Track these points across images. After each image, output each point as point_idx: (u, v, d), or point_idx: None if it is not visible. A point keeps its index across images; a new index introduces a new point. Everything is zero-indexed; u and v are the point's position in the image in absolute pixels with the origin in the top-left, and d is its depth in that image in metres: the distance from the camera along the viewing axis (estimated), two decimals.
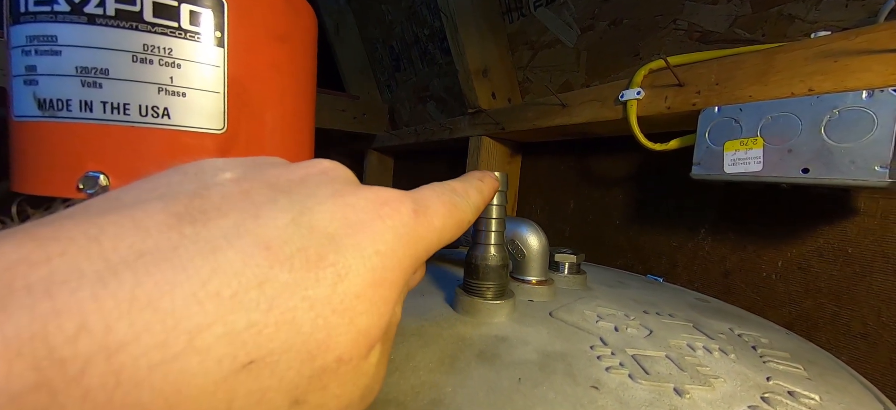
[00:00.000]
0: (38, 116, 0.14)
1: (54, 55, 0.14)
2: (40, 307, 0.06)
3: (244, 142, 0.16)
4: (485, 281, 0.22)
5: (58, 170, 0.14)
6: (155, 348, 0.06)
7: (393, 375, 0.16)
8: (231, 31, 0.15)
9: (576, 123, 0.44)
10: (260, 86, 0.17)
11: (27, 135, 0.14)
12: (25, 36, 0.14)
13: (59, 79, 0.14)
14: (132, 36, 0.14)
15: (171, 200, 0.08)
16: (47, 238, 0.07)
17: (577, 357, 0.18)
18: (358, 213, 0.10)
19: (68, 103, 0.14)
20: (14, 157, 0.15)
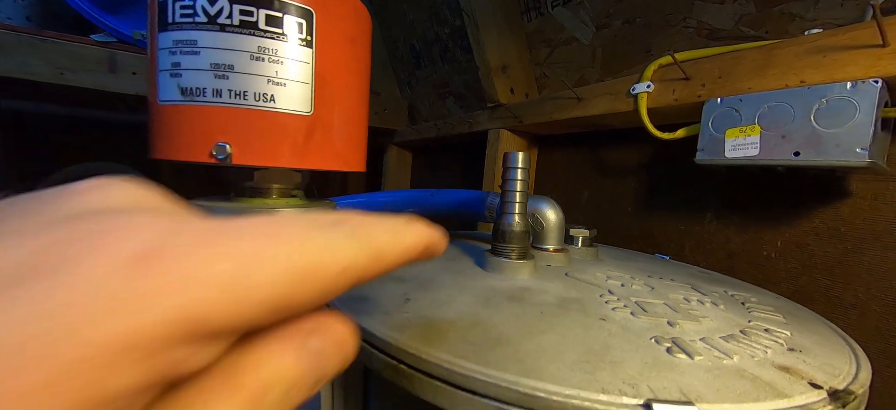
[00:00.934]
0: (180, 100, 0.19)
1: (194, 54, 0.18)
2: None
3: (322, 123, 0.21)
4: (510, 244, 0.26)
5: (195, 141, 0.19)
6: None
7: (440, 308, 0.20)
8: (317, 36, 0.20)
9: (590, 115, 0.48)
10: (335, 78, 0.21)
11: (171, 115, 0.19)
12: (172, 40, 0.18)
13: (196, 72, 0.18)
14: (250, 40, 0.18)
15: None
16: None
17: (589, 301, 0.22)
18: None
19: (203, 91, 0.18)
20: (157, 132, 0.20)
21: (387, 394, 0.20)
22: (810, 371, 0.16)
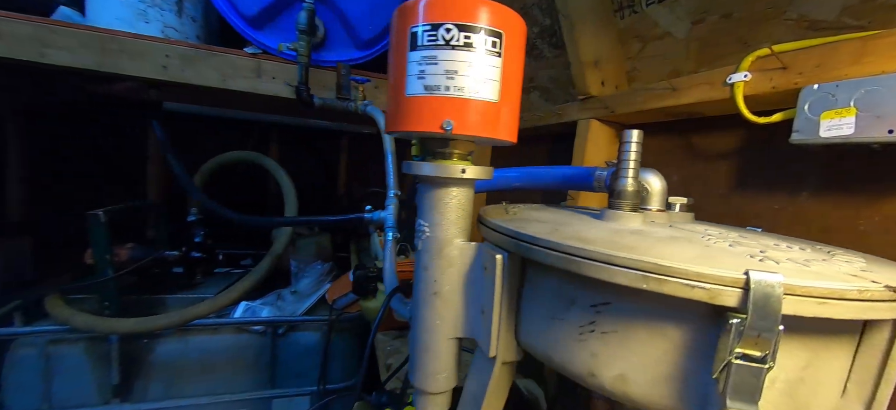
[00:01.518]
0: (423, 94, 0.30)
1: (434, 64, 0.29)
2: None
3: (503, 107, 0.31)
4: (625, 200, 0.34)
5: (431, 119, 0.30)
6: None
7: (581, 233, 0.29)
8: (504, 49, 0.30)
9: (684, 104, 0.53)
10: (511, 76, 0.31)
11: (415, 103, 0.30)
12: (420, 56, 0.29)
13: (434, 75, 0.29)
14: (468, 54, 0.29)
15: None
16: None
17: (693, 238, 0.29)
18: None
19: (438, 87, 0.29)
20: (403, 114, 0.31)
21: (539, 279, 0.30)
22: (878, 279, 0.22)
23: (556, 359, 0.29)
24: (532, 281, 0.31)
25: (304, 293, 1.17)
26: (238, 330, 1.07)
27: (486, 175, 0.33)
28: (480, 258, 0.33)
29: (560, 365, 0.29)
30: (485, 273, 0.32)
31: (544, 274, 0.30)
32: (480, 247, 0.33)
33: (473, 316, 0.34)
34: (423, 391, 0.36)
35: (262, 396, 1.09)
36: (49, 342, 0.94)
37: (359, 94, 0.93)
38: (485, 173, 0.33)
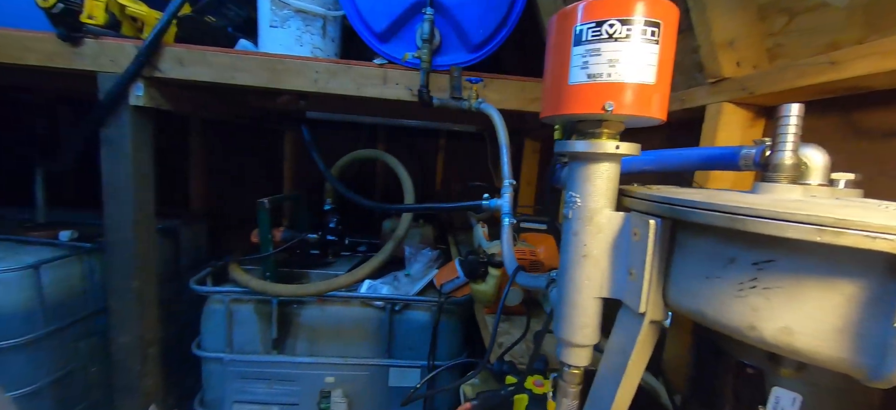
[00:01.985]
0: (586, 81, 0.36)
1: (597, 55, 0.35)
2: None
3: (657, 90, 0.35)
4: (781, 172, 0.35)
5: (592, 102, 0.36)
6: None
7: (742, 200, 0.32)
8: (661, 37, 0.34)
9: (846, 78, 0.49)
10: (665, 60, 0.35)
11: (578, 91, 0.36)
12: (583, 50, 0.35)
13: (597, 65, 0.35)
14: (629, 43, 0.34)
15: None
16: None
17: (866, 206, 0.30)
18: None
19: (601, 75, 0.35)
20: (566, 100, 0.37)
21: (692, 241, 0.34)
22: None
23: (710, 315, 0.32)
24: (683, 244, 0.35)
25: (416, 276, 1.31)
26: (363, 304, 1.25)
27: (635, 152, 0.38)
28: (628, 225, 0.37)
29: (713, 320, 0.32)
30: (634, 239, 0.37)
31: (698, 236, 0.33)
32: (629, 215, 0.38)
33: (619, 279, 0.39)
34: (568, 342, 0.41)
35: (381, 363, 1.26)
36: (231, 300, 1.21)
37: (473, 93, 1.02)
38: (634, 150, 0.38)
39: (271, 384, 1.23)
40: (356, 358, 1.25)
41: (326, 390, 1.24)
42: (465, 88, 1.08)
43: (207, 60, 1.08)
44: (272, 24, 1.15)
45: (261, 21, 1.19)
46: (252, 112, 1.73)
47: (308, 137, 1.24)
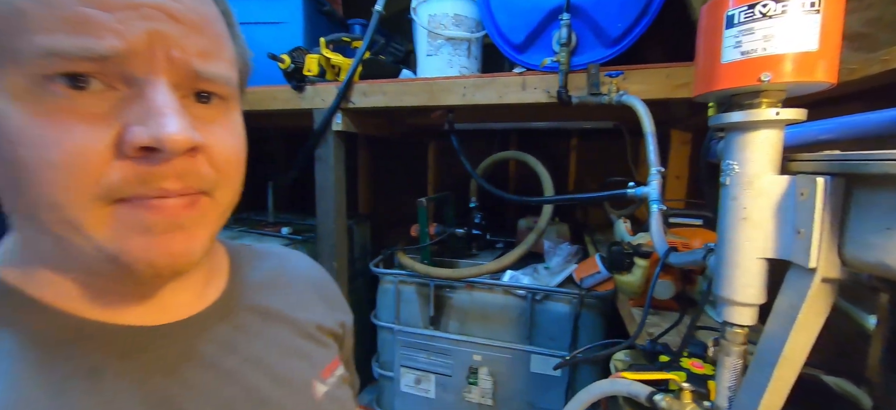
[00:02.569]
0: (739, 58, 0.41)
1: (751, 34, 0.40)
2: None
3: (821, 55, 0.38)
4: None
5: (746, 77, 0.41)
6: None
7: None
8: (823, 4, 0.37)
9: None
10: (832, 25, 0.37)
11: (730, 68, 0.41)
12: (736, 31, 0.41)
13: (751, 42, 0.39)
14: (786, 18, 0.38)
15: None
16: None
17: None
18: None
19: (755, 51, 0.40)
20: (719, 77, 0.43)
21: (870, 196, 0.35)
22: None
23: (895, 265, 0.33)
24: (859, 200, 0.36)
25: (555, 270, 1.38)
26: (505, 292, 1.39)
27: (800, 117, 0.40)
28: (794, 187, 0.40)
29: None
30: (801, 199, 0.39)
31: (877, 188, 0.34)
32: (795, 178, 0.40)
33: (785, 240, 0.41)
34: (730, 300, 0.45)
35: (524, 349, 1.36)
36: (399, 281, 1.50)
37: (612, 87, 1.06)
38: (798, 115, 0.40)
39: (429, 355, 1.47)
40: (500, 341, 1.39)
41: (474, 366, 1.42)
42: (603, 84, 1.12)
43: (383, 89, 1.40)
44: (429, 53, 1.41)
45: (419, 52, 1.46)
46: (404, 129, 2.09)
47: (456, 144, 1.45)
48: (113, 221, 0.26)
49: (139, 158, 0.26)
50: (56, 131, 0.24)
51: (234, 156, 0.32)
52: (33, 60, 0.24)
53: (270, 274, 0.45)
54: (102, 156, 0.25)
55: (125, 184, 0.26)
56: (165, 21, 0.26)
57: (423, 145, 2.46)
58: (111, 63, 0.25)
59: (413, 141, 2.42)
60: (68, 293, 0.30)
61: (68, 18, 0.24)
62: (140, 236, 0.27)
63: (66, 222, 0.26)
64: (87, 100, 0.25)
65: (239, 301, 0.39)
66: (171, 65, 0.27)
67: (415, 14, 1.42)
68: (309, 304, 0.46)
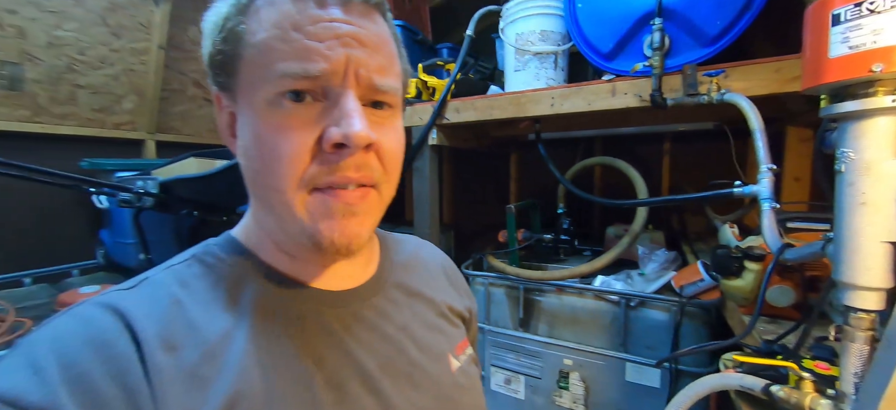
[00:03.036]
0: (847, 53, 0.44)
1: (859, 29, 0.43)
2: None
3: None
4: None
5: (856, 69, 0.43)
6: None
7: None
8: None
9: None
10: None
11: (838, 62, 0.45)
12: (843, 28, 0.44)
13: (860, 36, 0.43)
14: (893, 15, 0.41)
15: None
16: None
17: None
18: None
19: (864, 45, 0.43)
20: (827, 70, 0.46)
21: None
22: None
23: None
24: None
25: (651, 276, 1.36)
26: (596, 297, 1.40)
27: None
28: None
29: None
30: None
31: None
32: None
33: None
34: (852, 285, 0.46)
35: (618, 356, 1.36)
36: (489, 283, 1.60)
37: (713, 86, 1.05)
38: None
39: (519, 356, 1.54)
40: (591, 347, 1.40)
41: (565, 370, 1.44)
42: (701, 83, 1.11)
43: (474, 105, 1.54)
44: (516, 68, 1.52)
45: (506, 68, 1.58)
46: (489, 141, 2.21)
47: (544, 152, 1.53)
48: (310, 205, 0.34)
49: (331, 153, 0.33)
50: (283, 135, 0.33)
51: (397, 153, 0.38)
52: (274, 81, 0.32)
53: (409, 257, 0.51)
54: (309, 153, 0.33)
55: (320, 174, 0.34)
56: (356, 47, 0.33)
57: (504, 157, 2.56)
58: (319, 80, 0.33)
59: (495, 153, 2.53)
60: (281, 260, 0.39)
61: (298, 50, 0.32)
62: (326, 219, 0.34)
63: (284, 204, 0.34)
64: (302, 110, 0.33)
65: (388, 279, 0.46)
66: (358, 80, 0.34)
67: (502, 34, 1.55)
68: (441, 286, 0.52)
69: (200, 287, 0.36)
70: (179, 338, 0.33)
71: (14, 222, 1.53)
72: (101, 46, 1.59)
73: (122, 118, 1.78)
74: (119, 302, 0.33)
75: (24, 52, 1.44)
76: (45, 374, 0.27)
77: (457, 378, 0.45)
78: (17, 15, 1.38)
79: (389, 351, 0.41)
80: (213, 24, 0.36)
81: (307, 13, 0.32)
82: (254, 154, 0.34)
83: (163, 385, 0.30)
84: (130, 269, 1.55)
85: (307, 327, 0.38)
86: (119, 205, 1.31)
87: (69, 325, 0.31)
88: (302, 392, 0.35)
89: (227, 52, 0.35)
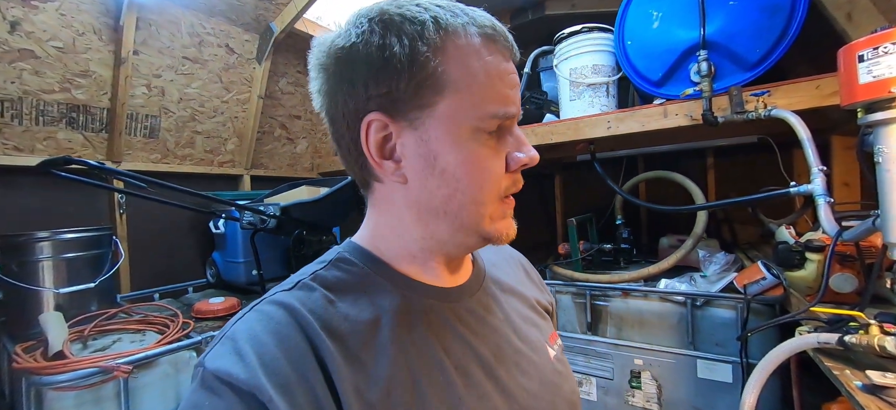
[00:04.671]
0: (872, 80, 0.65)
1: (878, 65, 0.64)
2: None
3: None
4: None
5: (880, 91, 0.64)
6: None
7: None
8: None
9: None
10: None
11: (868, 86, 0.65)
12: (867, 65, 0.65)
13: (881, 69, 0.63)
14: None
15: None
16: None
17: None
18: None
19: (883, 74, 0.63)
20: (858, 93, 0.66)
21: None
22: None
23: None
24: None
25: (713, 278, 1.51)
26: (662, 299, 1.55)
27: None
28: None
29: None
30: None
31: None
32: None
33: None
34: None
35: (689, 354, 1.49)
36: (555, 291, 1.77)
37: (760, 104, 1.24)
38: None
39: (589, 358, 1.68)
40: (661, 346, 1.54)
41: (636, 370, 1.58)
42: (747, 102, 1.30)
43: (534, 132, 1.77)
44: (571, 98, 1.75)
45: (562, 98, 1.82)
46: (538, 164, 2.43)
47: (600, 170, 1.73)
48: (496, 213, 0.42)
49: (514, 170, 0.42)
50: (488, 159, 0.40)
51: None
52: (484, 119, 0.39)
53: (494, 255, 0.56)
54: (503, 172, 0.41)
55: (508, 188, 0.42)
56: (517, 89, 0.42)
57: (550, 178, 2.76)
58: (509, 119, 0.41)
59: (542, 174, 2.74)
60: (404, 263, 0.44)
61: (502, 97, 0.40)
62: (503, 220, 0.43)
63: (481, 214, 0.41)
64: (493, 141, 0.40)
65: (485, 276, 0.50)
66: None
67: (557, 69, 1.79)
68: (525, 282, 0.56)
69: (342, 287, 0.41)
70: (339, 328, 0.38)
71: (144, 247, 1.83)
72: (215, 99, 1.94)
73: (225, 157, 2.11)
74: (286, 299, 0.39)
75: (162, 106, 1.79)
76: (247, 359, 0.34)
77: (555, 365, 0.49)
78: (161, 78, 1.74)
79: (498, 341, 0.45)
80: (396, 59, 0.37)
81: (501, 67, 0.40)
82: (458, 175, 0.39)
83: (335, 368, 0.35)
84: (240, 285, 1.81)
85: (432, 320, 0.42)
86: (243, 228, 1.59)
87: (255, 320, 0.37)
88: (438, 376, 0.39)
89: (419, 85, 0.38)
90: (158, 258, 1.88)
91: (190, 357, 1.26)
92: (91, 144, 1.66)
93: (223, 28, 1.82)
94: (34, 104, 1.46)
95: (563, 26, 1.77)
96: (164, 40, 1.68)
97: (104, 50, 1.54)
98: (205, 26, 1.77)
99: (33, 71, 1.42)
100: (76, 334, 1.27)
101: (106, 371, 1.07)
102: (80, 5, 1.44)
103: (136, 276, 1.79)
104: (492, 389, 0.41)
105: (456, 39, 0.38)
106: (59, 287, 1.36)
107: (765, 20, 1.35)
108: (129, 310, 1.54)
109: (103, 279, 1.44)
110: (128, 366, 1.08)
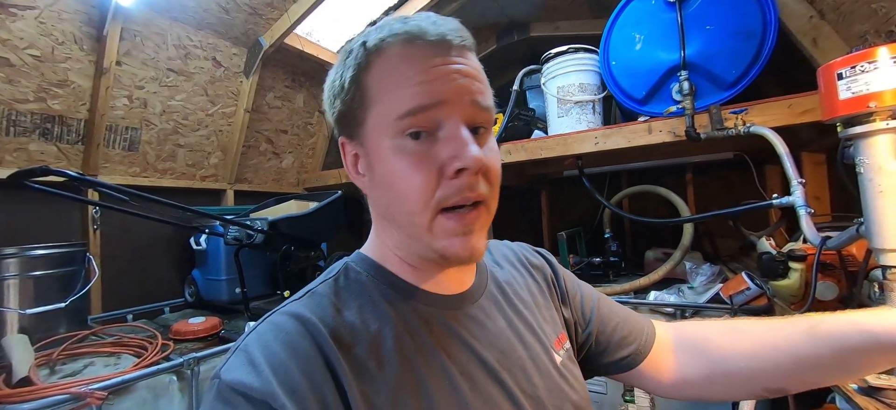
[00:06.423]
0: (850, 96, 0.69)
1: (855, 82, 0.68)
2: None
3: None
4: None
5: (858, 106, 0.68)
6: None
7: None
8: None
9: None
10: None
11: (847, 102, 0.69)
12: (846, 82, 0.69)
13: (858, 86, 0.68)
14: (878, 72, 0.66)
15: None
16: None
17: None
18: None
19: (861, 91, 0.68)
20: (838, 108, 0.70)
21: None
22: None
23: None
24: None
25: (700, 289, 1.55)
26: (652, 311, 1.57)
27: None
28: None
29: None
30: None
31: None
32: None
33: None
34: (885, 249, 0.68)
35: None
36: None
37: (738, 121, 1.31)
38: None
39: None
40: None
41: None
42: (726, 120, 1.37)
43: (524, 148, 1.80)
44: (559, 115, 1.80)
45: (549, 115, 1.86)
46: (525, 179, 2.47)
47: (588, 185, 1.77)
48: (438, 227, 0.39)
49: (452, 178, 0.38)
50: (407, 168, 0.38)
51: (498, 171, 0.42)
52: (397, 122, 0.38)
53: (498, 258, 0.56)
54: (430, 180, 0.38)
55: (446, 197, 0.38)
56: (448, 79, 0.38)
57: (536, 193, 2.81)
58: (424, 112, 0.38)
59: (528, 189, 2.78)
60: (406, 271, 0.44)
61: (412, 93, 0.38)
62: (452, 238, 0.39)
63: (416, 225, 0.39)
64: (421, 146, 0.38)
65: (488, 281, 0.51)
66: (462, 105, 0.38)
67: (545, 87, 1.85)
68: (529, 283, 0.56)
69: (349, 296, 0.42)
70: (346, 337, 0.39)
71: (118, 265, 1.74)
72: (200, 112, 1.89)
73: (208, 172, 2.04)
74: (297, 310, 0.40)
75: (143, 119, 1.73)
76: (260, 369, 0.34)
77: (562, 371, 0.49)
78: (144, 90, 1.69)
79: (502, 345, 0.45)
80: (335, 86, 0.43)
81: (420, 64, 0.38)
82: (387, 185, 0.40)
83: (344, 376, 0.36)
84: (222, 304, 1.73)
85: (434, 326, 0.43)
86: (227, 244, 1.53)
87: (267, 330, 0.38)
88: (444, 382, 0.40)
89: (356, 105, 0.41)
90: (132, 277, 1.78)
91: (170, 381, 1.19)
92: (65, 156, 1.58)
93: (211, 41, 1.79)
94: (5, 114, 1.39)
95: (547, 47, 1.83)
96: (149, 52, 1.64)
97: (85, 60, 1.49)
98: (192, 39, 1.73)
99: (7, 79, 1.35)
100: (43, 358, 1.18)
101: (78, 398, 0.99)
102: (61, 14, 1.39)
103: (108, 296, 1.69)
104: (497, 393, 0.42)
105: (379, 55, 0.40)
106: (24, 308, 1.27)
107: (739, 44, 1.43)
108: (100, 332, 1.44)
109: (75, 298, 1.35)
110: (102, 392, 1.01)
